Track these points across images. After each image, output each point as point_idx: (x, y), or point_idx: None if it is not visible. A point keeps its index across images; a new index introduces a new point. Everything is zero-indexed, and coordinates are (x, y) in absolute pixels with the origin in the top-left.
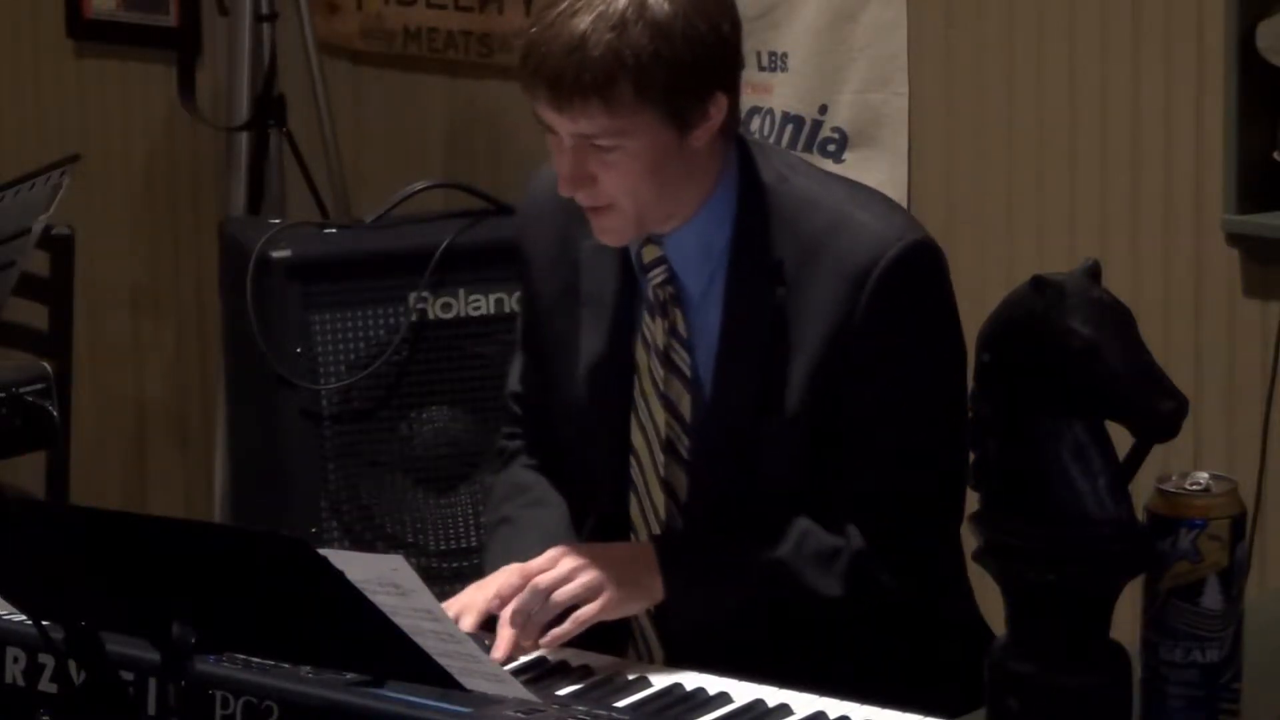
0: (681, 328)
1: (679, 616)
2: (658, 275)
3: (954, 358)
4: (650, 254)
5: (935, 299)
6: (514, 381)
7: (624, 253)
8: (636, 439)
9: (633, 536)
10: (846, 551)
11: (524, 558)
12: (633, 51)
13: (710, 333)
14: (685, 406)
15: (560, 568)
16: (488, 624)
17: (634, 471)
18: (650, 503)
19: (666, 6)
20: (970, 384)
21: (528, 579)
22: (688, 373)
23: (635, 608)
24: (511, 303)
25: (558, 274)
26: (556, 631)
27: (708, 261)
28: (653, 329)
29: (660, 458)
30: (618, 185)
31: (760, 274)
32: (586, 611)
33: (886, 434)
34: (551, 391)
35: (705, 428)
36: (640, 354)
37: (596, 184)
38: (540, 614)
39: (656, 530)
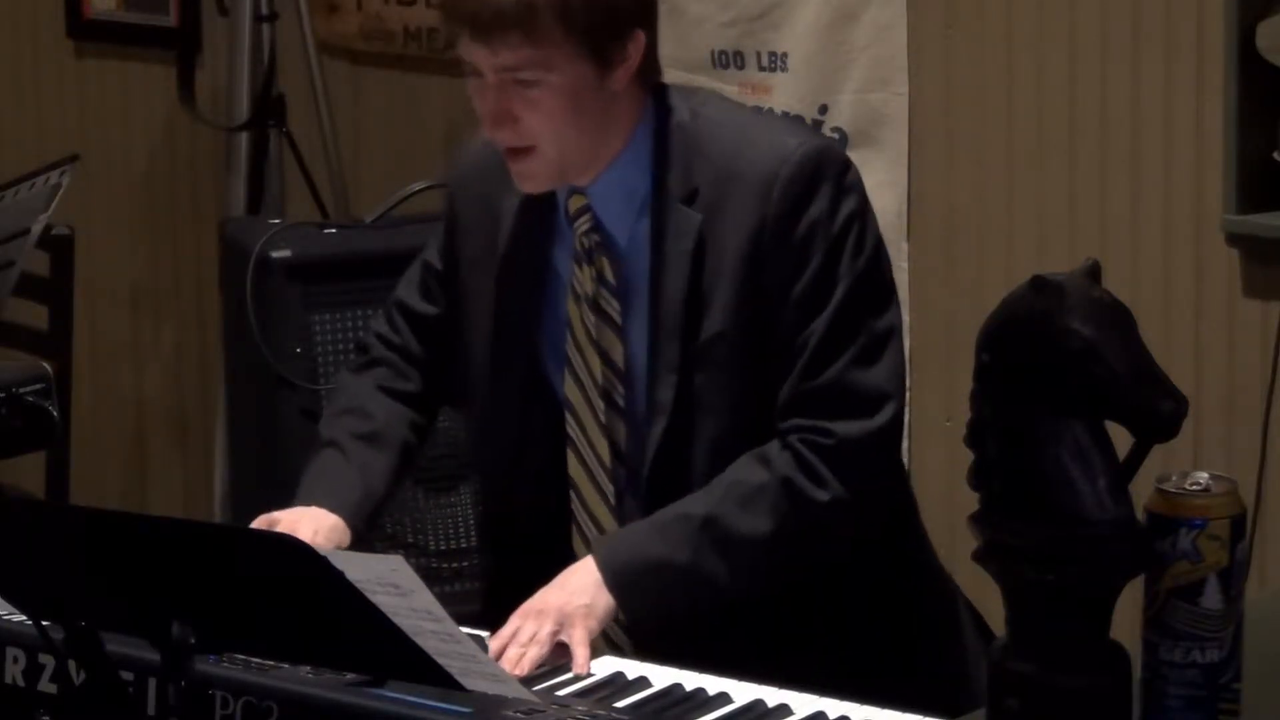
0: (609, 274)
1: (643, 606)
2: (583, 224)
3: (871, 255)
4: (576, 203)
5: (843, 200)
6: (410, 293)
7: (543, 209)
8: (572, 393)
9: (573, 494)
10: (772, 484)
11: (334, 502)
12: None
13: (640, 279)
14: (618, 355)
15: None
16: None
17: (571, 428)
18: (594, 454)
19: None
20: (971, 384)
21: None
22: (618, 320)
23: (602, 622)
24: None
25: (481, 232)
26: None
27: (631, 207)
28: (581, 277)
29: (599, 404)
30: (540, 124)
31: (680, 208)
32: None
33: (808, 338)
34: (463, 345)
35: (638, 371)
36: (571, 306)
37: (519, 124)
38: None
39: (604, 481)
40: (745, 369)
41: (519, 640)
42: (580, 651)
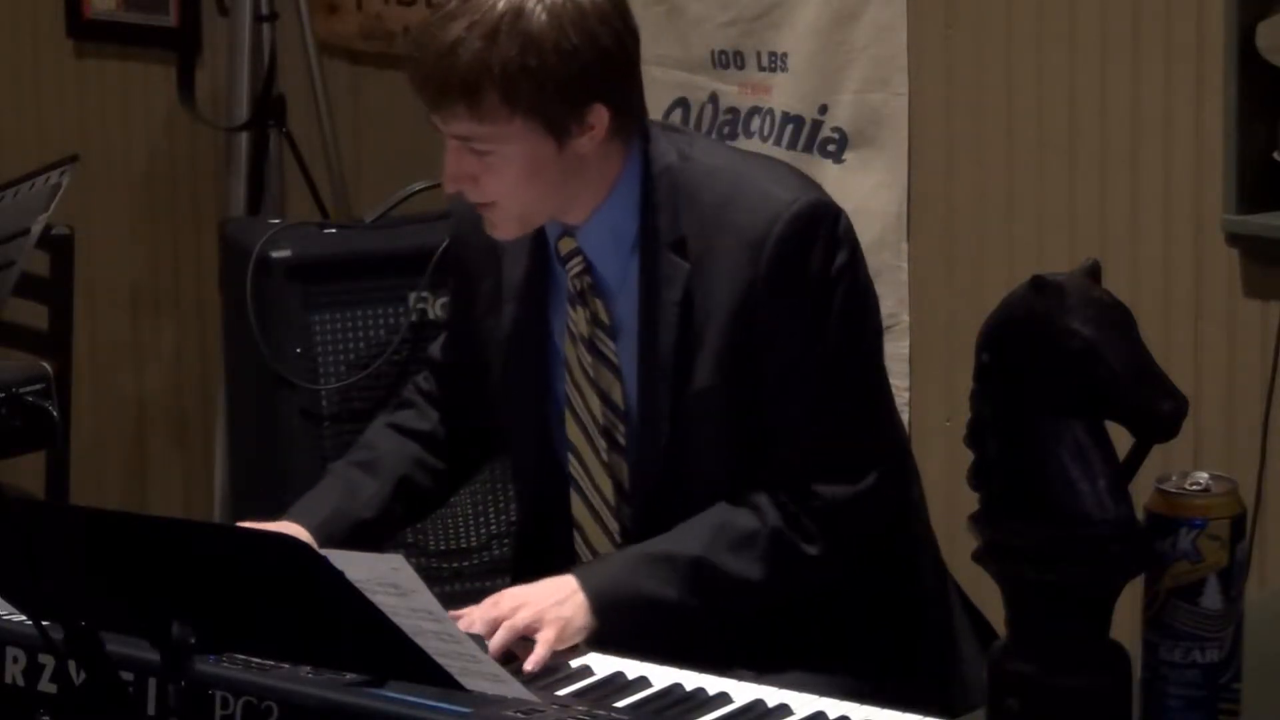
0: (603, 315)
1: (616, 633)
2: (575, 266)
3: (862, 315)
4: (566, 246)
5: (835, 256)
6: (436, 346)
7: (536, 244)
8: (573, 433)
9: (576, 534)
10: (763, 532)
11: (305, 520)
12: (500, 62)
13: (632, 320)
14: (617, 394)
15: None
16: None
17: (573, 467)
18: (598, 494)
19: (543, 18)
20: (971, 384)
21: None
22: (615, 360)
23: (573, 638)
24: None
25: (488, 273)
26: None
27: (620, 249)
28: (575, 319)
29: (601, 444)
30: (497, 186)
31: (668, 254)
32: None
33: (798, 396)
34: (487, 388)
35: (635, 412)
36: (568, 347)
37: (478, 183)
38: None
39: (609, 519)
40: (737, 419)
41: (497, 607)
42: (543, 651)
